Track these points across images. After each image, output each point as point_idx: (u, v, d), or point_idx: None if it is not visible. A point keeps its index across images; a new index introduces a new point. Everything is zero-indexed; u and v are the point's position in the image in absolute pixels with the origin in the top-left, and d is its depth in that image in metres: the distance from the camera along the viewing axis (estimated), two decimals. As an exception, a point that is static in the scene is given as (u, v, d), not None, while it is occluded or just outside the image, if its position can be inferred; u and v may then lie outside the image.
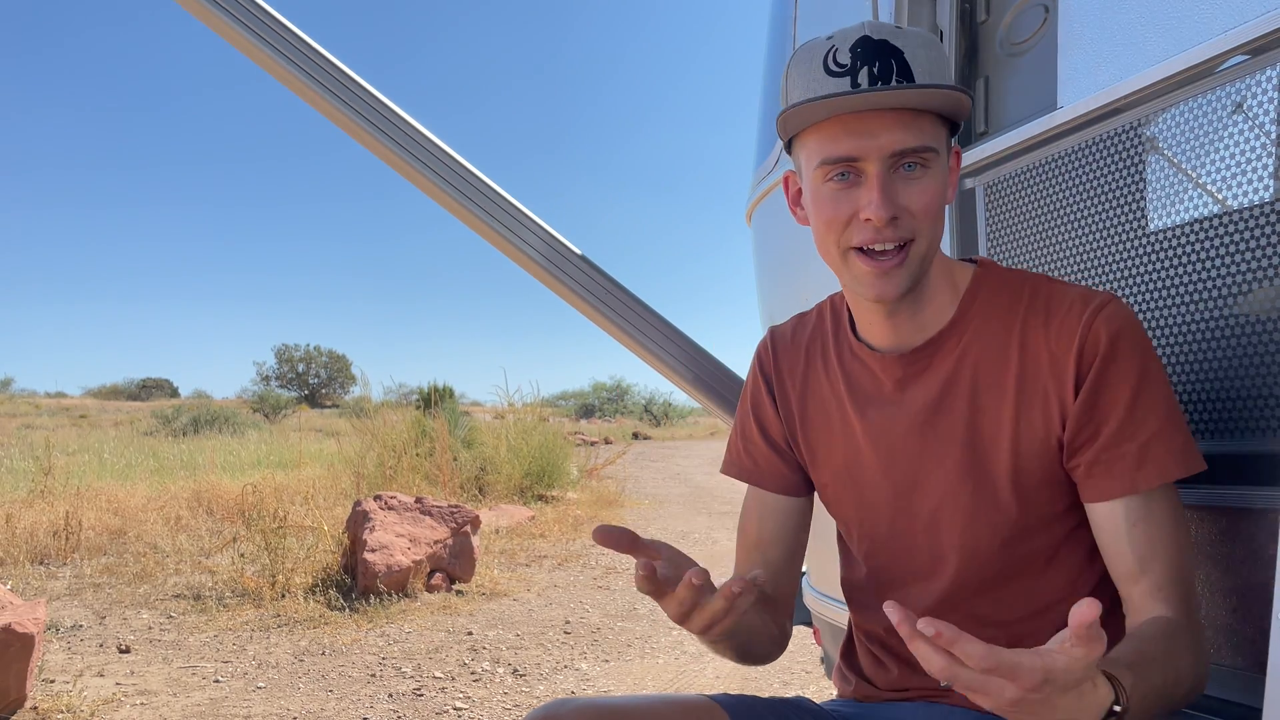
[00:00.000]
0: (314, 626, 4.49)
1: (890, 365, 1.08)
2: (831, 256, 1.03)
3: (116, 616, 4.71)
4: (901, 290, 0.99)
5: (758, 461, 1.23)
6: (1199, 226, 1.20)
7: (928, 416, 1.06)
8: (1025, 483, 1.02)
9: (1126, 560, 0.96)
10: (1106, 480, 0.97)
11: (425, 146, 1.85)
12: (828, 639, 2.11)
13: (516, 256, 1.89)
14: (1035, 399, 1.00)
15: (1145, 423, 0.96)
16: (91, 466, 10.23)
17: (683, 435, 28.12)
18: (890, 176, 0.95)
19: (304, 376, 50.00)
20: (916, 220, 0.96)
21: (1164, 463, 0.95)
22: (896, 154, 0.94)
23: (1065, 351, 0.99)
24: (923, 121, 0.95)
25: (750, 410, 1.25)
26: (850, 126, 0.95)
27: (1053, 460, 1.01)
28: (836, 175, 0.97)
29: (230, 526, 6.93)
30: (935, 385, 1.06)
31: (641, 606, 5.06)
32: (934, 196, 0.97)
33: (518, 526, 7.59)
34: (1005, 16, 1.53)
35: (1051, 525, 1.04)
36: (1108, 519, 0.98)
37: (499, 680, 3.74)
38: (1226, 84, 1.15)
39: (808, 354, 1.20)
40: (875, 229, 0.96)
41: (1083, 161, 1.38)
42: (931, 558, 1.08)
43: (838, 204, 0.98)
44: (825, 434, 1.16)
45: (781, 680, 3.67)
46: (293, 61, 1.79)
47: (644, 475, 13.39)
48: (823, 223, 1.00)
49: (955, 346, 1.05)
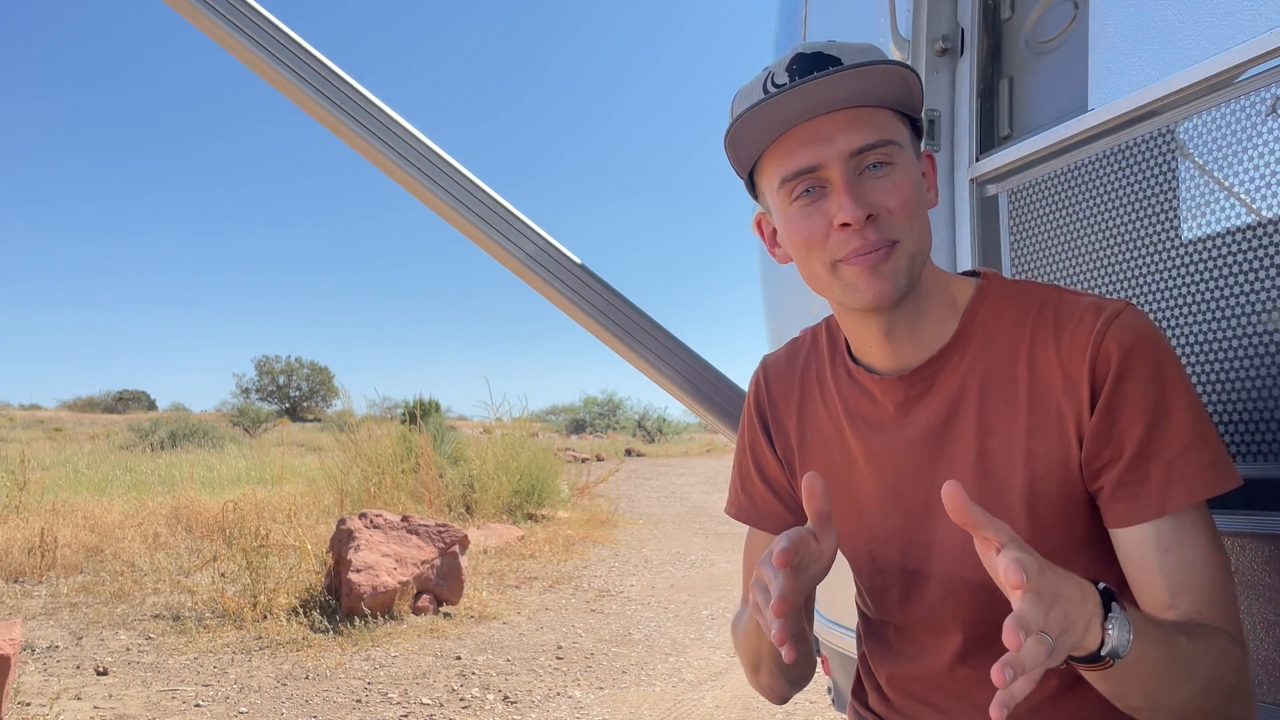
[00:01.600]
0: (297, 649, 4.39)
1: (890, 388, 1.02)
2: (819, 278, 0.98)
3: (94, 637, 4.61)
4: (897, 290, 0.94)
5: (755, 502, 1.18)
6: (1235, 236, 1.14)
7: (934, 441, 1.00)
8: (1041, 508, 0.95)
9: (1159, 590, 0.90)
10: (1131, 504, 0.90)
11: (419, 150, 1.78)
12: (836, 668, 2.03)
13: (513, 265, 1.82)
14: (1049, 417, 0.94)
15: (1169, 439, 0.89)
16: (67, 481, 10.10)
17: (678, 452, 27.91)
18: (856, 179, 0.92)
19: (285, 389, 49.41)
20: (895, 218, 0.92)
21: (1192, 481, 0.88)
22: (856, 153, 0.91)
23: (1078, 365, 0.93)
24: (876, 117, 0.92)
25: (747, 447, 1.19)
26: (803, 137, 0.92)
27: (1072, 482, 0.94)
28: (801, 192, 0.94)
29: (210, 544, 6.83)
30: (940, 407, 1.00)
31: (637, 631, 4.96)
32: (907, 192, 0.93)
33: (507, 546, 7.47)
34: (1031, 14, 1.47)
35: (1072, 558, 0.96)
36: (1136, 546, 0.91)
37: (489, 707, 3.64)
38: (1268, 86, 1.09)
39: (803, 382, 1.14)
40: (856, 233, 0.91)
41: (1114, 167, 1.32)
42: (945, 593, 1.01)
43: (810, 221, 0.94)
44: (826, 465, 1.10)
45: (785, 711, 3.57)
46: (282, 62, 1.72)
47: (638, 493, 13.27)
48: (800, 245, 0.96)
49: (959, 364, 0.99)
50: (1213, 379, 1.17)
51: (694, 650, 4.56)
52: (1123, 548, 0.93)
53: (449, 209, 1.78)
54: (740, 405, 1.92)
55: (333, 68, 1.75)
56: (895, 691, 1.10)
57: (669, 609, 5.52)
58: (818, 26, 1.92)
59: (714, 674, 4.15)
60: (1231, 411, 1.15)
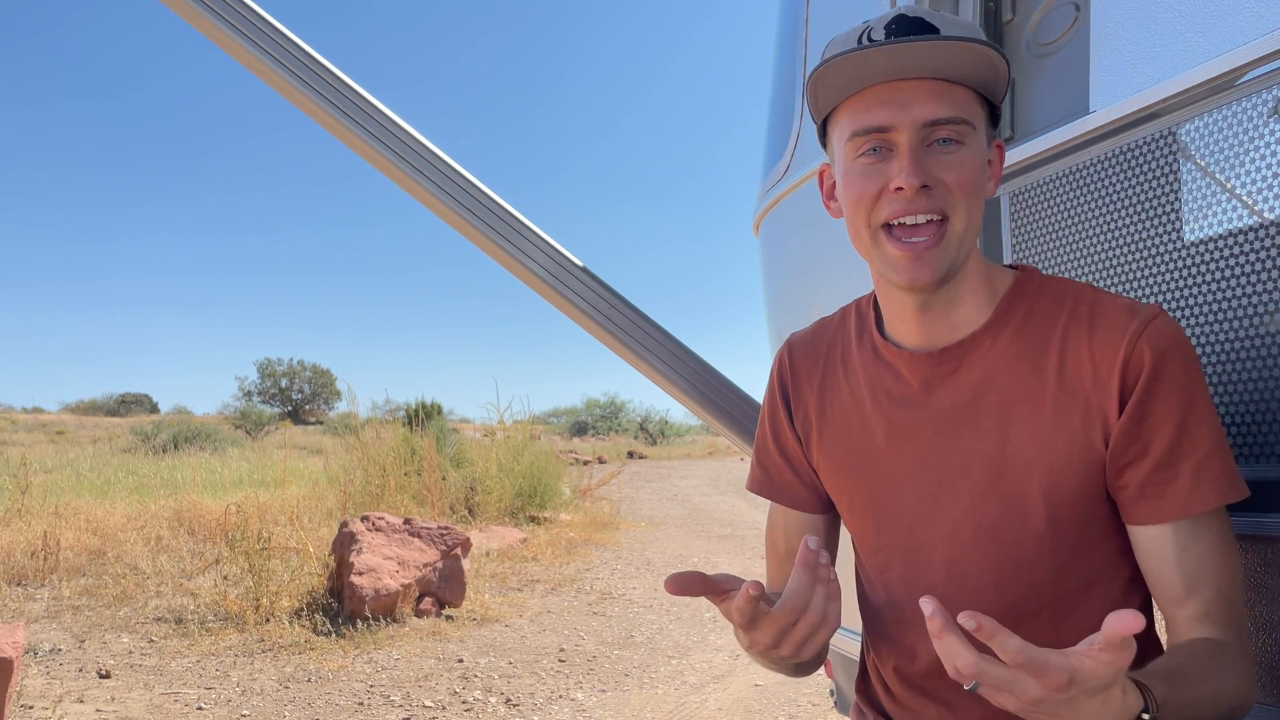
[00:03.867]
0: (299, 652, 4.40)
1: (918, 364, 1.03)
2: (863, 240, 0.99)
3: (96, 640, 4.61)
4: (937, 275, 0.95)
5: (773, 477, 1.20)
6: (1237, 238, 1.14)
7: (955, 423, 1.01)
8: (1059, 501, 0.96)
9: (1174, 585, 0.93)
10: (1158, 503, 0.92)
11: (424, 156, 1.78)
12: (839, 670, 2.03)
13: (517, 270, 1.82)
14: (1075, 411, 0.95)
15: (1198, 442, 0.91)
16: (70, 484, 10.10)
17: (680, 454, 27.89)
18: (923, 149, 0.93)
19: (287, 392, 49.37)
20: (951, 194, 0.94)
21: (1219, 485, 0.91)
22: (930, 124, 0.92)
23: (1110, 364, 0.94)
24: (957, 93, 0.93)
25: (767, 423, 1.21)
26: (882, 96, 0.93)
27: (1092, 476, 0.95)
28: (868, 149, 0.95)
29: (212, 547, 6.84)
30: (965, 390, 1.01)
31: (639, 634, 4.96)
32: (970, 172, 0.94)
33: (509, 549, 7.47)
34: (1033, 16, 1.47)
35: (1086, 553, 0.98)
36: (1155, 543, 0.93)
37: (491, 710, 3.64)
38: (1269, 88, 1.09)
39: (827, 358, 1.16)
40: (906, 199, 0.93)
41: (1115, 169, 1.32)
42: (949, 576, 1.01)
43: (867, 179, 0.95)
44: (843, 441, 1.11)
45: (788, 714, 3.58)
46: (289, 69, 1.72)
47: (640, 496, 13.26)
48: (852, 201, 0.98)
49: (989, 350, 1.00)
50: (1214, 381, 1.17)
51: (696, 653, 4.56)
52: (1141, 544, 0.95)
53: (453, 214, 1.79)
54: (741, 408, 1.92)
55: (339, 75, 1.76)
56: (899, 685, 1.11)
57: (671, 611, 5.51)
58: (819, 28, 1.92)
59: (716, 677, 4.15)
60: (1232, 413, 1.15)
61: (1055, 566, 0.98)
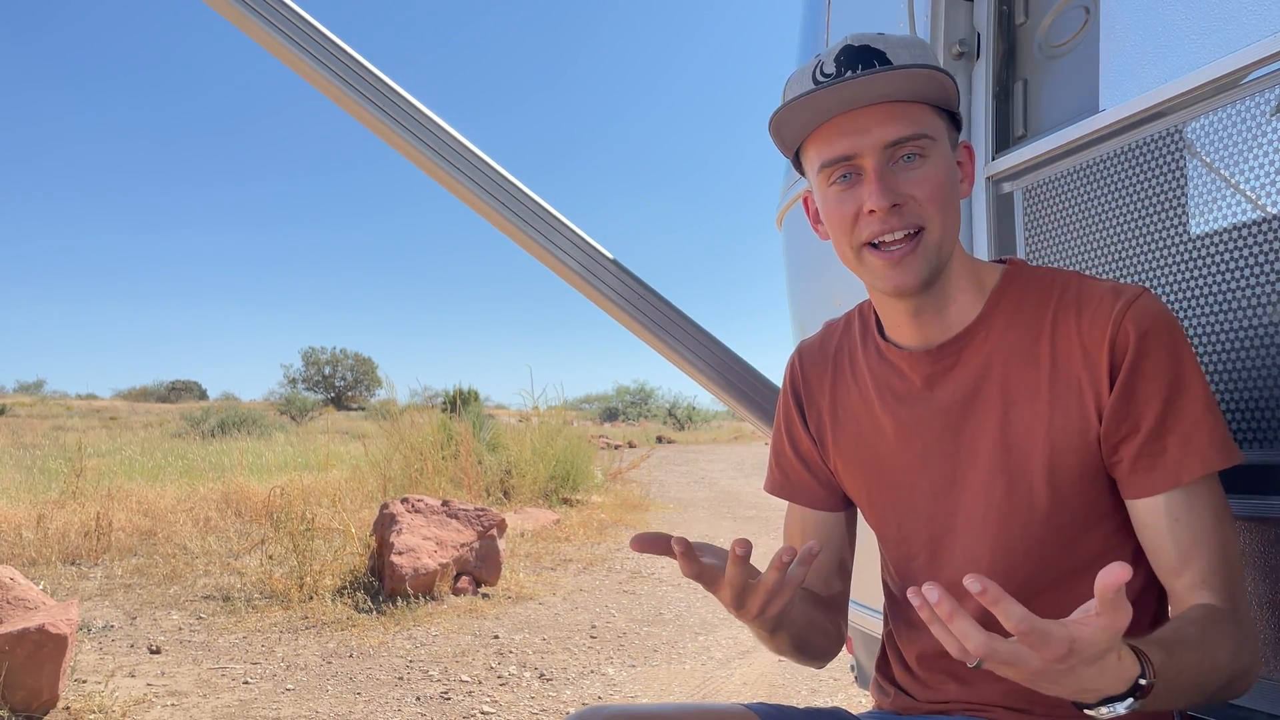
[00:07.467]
0: (341, 629, 4.51)
1: (918, 362, 1.08)
2: (849, 259, 1.05)
3: (147, 617, 4.75)
4: (920, 279, 1.00)
5: (790, 478, 1.25)
6: (1241, 232, 1.18)
7: (959, 414, 1.06)
8: (1061, 480, 1.00)
9: (1169, 555, 0.96)
10: (1149, 475, 0.96)
11: (460, 153, 1.85)
12: (860, 647, 2.10)
13: (551, 262, 1.89)
14: (1070, 393, 1.00)
15: (1184, 414, 0.95)
16: (122, 468, 10.32)
17: (706, 439, 27.95)
18: (888, 169, 0.98)
19: (330, 379, 50.21)
20: (922, 206, 0.98)
21: (1206, 453, 0.94)
22: (891, 145, 0.97)
23: (1098, 344, 0.98)
24: (913, 111, 0.98)
25: (782, 426, 1.26)
26: (842, 126, 0.98)
27: (1090, 455, 0.99)
28: (839, 178, 1.01)
29: (258, 528, 6.96)
30: (965, 382, 1.06)
31: (668, 611, 5.04)
32: (937, 183, 0.99)
33: (543, 530, 7.59)
34: (1045, 18, 1.51)
35: (1090, 529, 1.02)
36: (1150, 514, 0.97)
37: (525, 684, 3.74)
38: (1273, 87, 1.13)
39: (835, 363, 1.20)
40: (880, 219, 0.98)
41: (1124, 165, 1.36)
42: (967, 561, 1.06)
43: (843, 204, 1.01)
44: (856, 439, 1.16)
45: (810, 688, 3.64)
46: (330, 69, 1.80)
47: (668, 479, 13.32)
48: (834, 226, 1.04)
49: (984, 342, 1.05)
50: (1219, 368, 1.21)
51: (723, 630, 4.64)
52: (1138, 517, 0.98)
53: (490, 209, 1.86)
54: (766, 394, 1.99)
55: (379, 74, 1.83)
56: (921, 666, 1.15)
57: (698, 590, 5.58)
58: (839, 29, 1.97)
59: (742, 652, 4.22)
60: (1236, 399, 1.19)
61: (1061, 544, 1.02)
